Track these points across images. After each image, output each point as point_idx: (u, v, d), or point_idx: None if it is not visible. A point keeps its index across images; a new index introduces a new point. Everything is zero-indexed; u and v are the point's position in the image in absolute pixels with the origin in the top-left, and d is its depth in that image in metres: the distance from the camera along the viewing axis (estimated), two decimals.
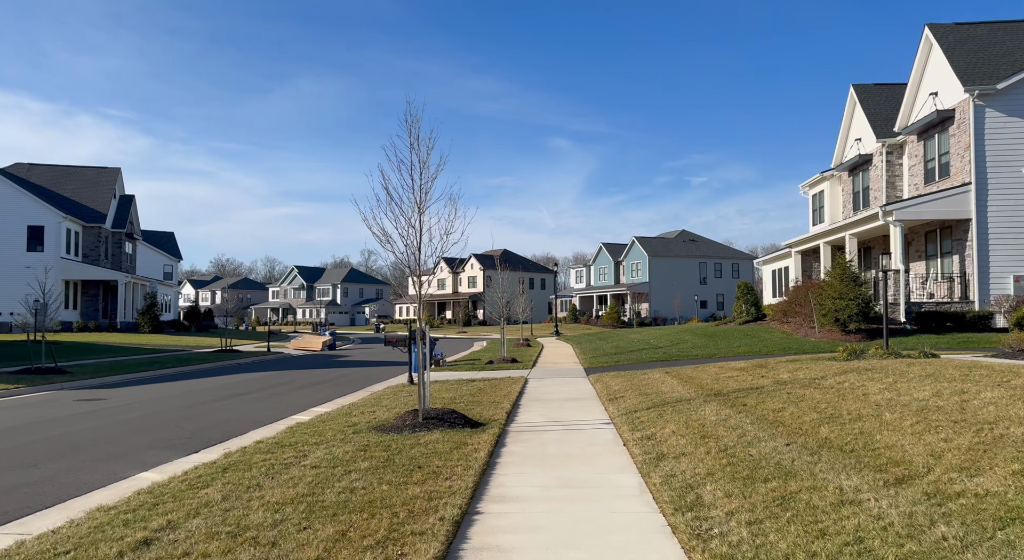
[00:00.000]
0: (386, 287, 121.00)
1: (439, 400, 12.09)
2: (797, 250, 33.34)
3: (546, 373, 18.75)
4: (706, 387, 11.58)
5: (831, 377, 10.70)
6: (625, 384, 13.64)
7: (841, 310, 21.16)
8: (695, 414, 8.91)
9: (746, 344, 22.26)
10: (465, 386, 14.78)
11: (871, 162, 30.04)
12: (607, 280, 77.77)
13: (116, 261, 48.09)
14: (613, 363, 20.69)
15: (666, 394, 11.29)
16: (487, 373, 18.98)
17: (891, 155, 28.92)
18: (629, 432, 8.31)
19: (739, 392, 10.51)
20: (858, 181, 31.36)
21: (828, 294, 21.75)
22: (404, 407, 11.15)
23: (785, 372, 12.21)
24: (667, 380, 13.32)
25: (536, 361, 23.49)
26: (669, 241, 76.02)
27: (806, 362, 13.57)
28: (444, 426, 8.90)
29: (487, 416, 10.08)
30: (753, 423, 7.96)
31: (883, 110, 29.97)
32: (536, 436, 8.73)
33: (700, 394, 10.77)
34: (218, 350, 32.14)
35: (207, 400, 14.63)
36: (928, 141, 25.64)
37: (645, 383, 13.34)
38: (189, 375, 21.34)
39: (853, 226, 26.28)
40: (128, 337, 38.99)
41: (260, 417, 11.71)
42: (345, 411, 11.36)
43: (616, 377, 15.55)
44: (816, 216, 35.57)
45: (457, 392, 13.52)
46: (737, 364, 15.54)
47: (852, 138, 31.94)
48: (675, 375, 14.25)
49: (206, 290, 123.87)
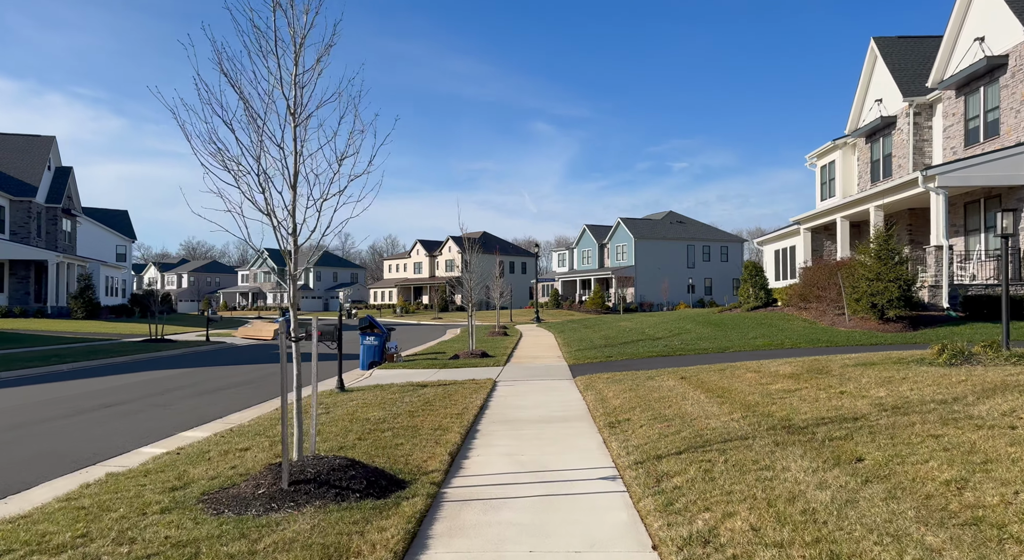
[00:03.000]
0: (362, 271, 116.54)
1: (356, 426, 8.18)
2: (807, 227, 29.69)
3: (521, 372, 14.91)
4: (758, 409, 7.75)
5: (969, 401, 6.87)
6: (627, 395, 9.82)
7: (878, 294, 17.48)
8: (775, 479, 5.01)
9: (763, 335, 18.53)
10: (409, 396, 10.88)
11: (894, 125, 26.36)
12: (591, 264, 74.00)
13: (51, 239, 43.48)
14: (604, 358, 16.89)
15: (696, 420, 7.45)
16: (447, 372, 15.09)
17: (919, 116, 25.23)
18: (660, 517, 4.46)
19: (824, 424, 6.67)
20: (877, 148, 27.70)
21: (862, 275, 18.06)
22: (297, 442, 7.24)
23: (872, 384, 8.42)
24: (688, 392, 9.49)
25: (511, 355, 19.64)
26: (656, 223, 72.28)
27: (888, 366, 9.74)
28: (327, 497, 5.00)
29: (416, 463, 6.20)
30: (918, 515, 4.12)
31: (910, 65, 26.26)
32: (490, 518, 4.87)
33: (756, 423, 6.95)
34: (147, 340, 27.92)
35: (53, 415, 10.59)
36: (970, 96, 21.95)
37: (656, 395, 9.52)
38: (83, 373, 17.24)
39: (880, 196, 22.61)
40: (55, 323, 34.56)
41: (84, 452, 7.74)
42: (204, 447, 7.40)
43: (612, 382, 11.72)
44: (825, 190, 31.92)
45: (391, 408, 9.59)
46: (778, 366, 11.73)
47: (871, 99, 28.21)
48: (696, 383, 10.42)
49: (172, 273, 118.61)
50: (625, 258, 67.91)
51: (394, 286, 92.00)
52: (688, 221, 74.96)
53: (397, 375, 15.19)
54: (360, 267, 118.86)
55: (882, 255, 17.81)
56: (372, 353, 18.03)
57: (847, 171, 30.50)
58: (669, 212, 75.88)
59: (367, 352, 18.01)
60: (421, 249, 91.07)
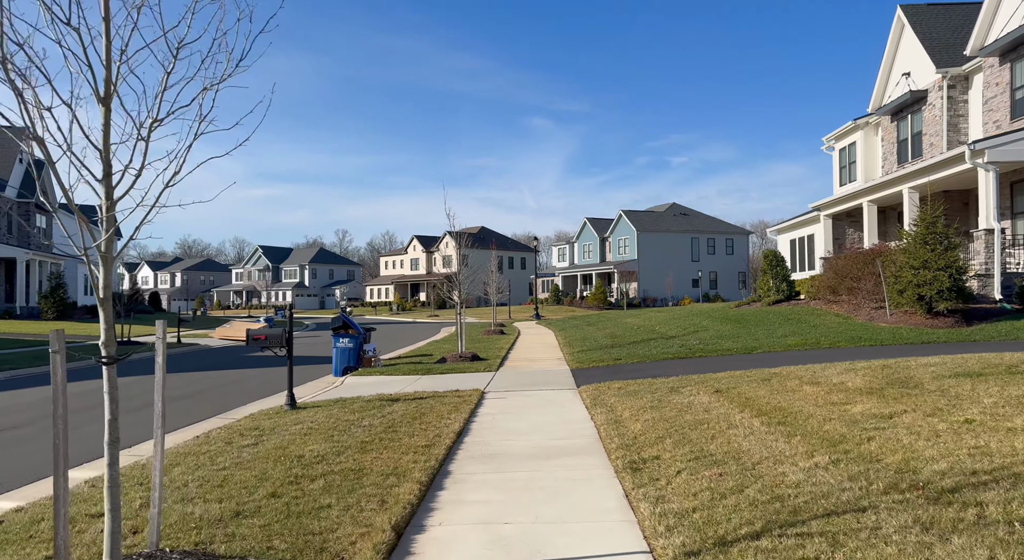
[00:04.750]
0: (359, 268, 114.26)
1: (277, 471, 5.88)
2: (827, 214, 27.40)
3: (516, 380, 12.63)
4: (850, 449, 5.36)
5: None
6: (649, 415, 7.55)
7: (926, 284, 15.20)
8: None
9: (793, 333, 16.24)
10: (371, 417, 8.61)
11: (925, 101, 24.04)
12: (592, 258, 71.64)
13: (24, 236, 41.21)
14: (612, 361, 14.61)
15: (760, 465, 5.17)
16: (429, 381, 12.82)
17: (953, 89, 22.91)
18: None
19: (980, 483, 4.34)
20: (905, 126, 25.38)
21: (905, 263, 15.78)
22: (174, 495, 4.99)
23: (1005, 406, 6.15)
24: (732, 413, 7.20)
25: (506, 357, 17.38)
26: (659, 215, 69.87)
27: (1001, 377, 7.42)
28: None
29: (335, 552, 3.92)
30: None
31: (942, 34, 23.93)
32: None
33: (862, 478, 4.61)
34: None
35: None
36: (1018, 62, 19.63)
37: (689, 417, 7.24)
38: (16, 383, 15.00)
39: (916, 176, 20.34)
40: (22, 325, 32.30)
41: None
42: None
43: (627, 394, 9.44)
44: (845, 174, 29.59)
45: (341, 438, 7.30)
46: (841, 376, 9.41)
47: (897, 73, 25.89)
48: (739, 399, 8.12)
49: (165, 272, 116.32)
50: (627, 252, 65.58)
51: (391, 283, 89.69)
52: (692, 213, 72.58)
53: (371, 383, 12.94)
54: (357, 264, 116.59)
55: (929, 240, 15.53)
56: (346, 357, 15.79)
57: (870, 153, 28.18)
58: (672, 204, 73.50)
59: (340, 356, 15.77)
60: (418, 245, 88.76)
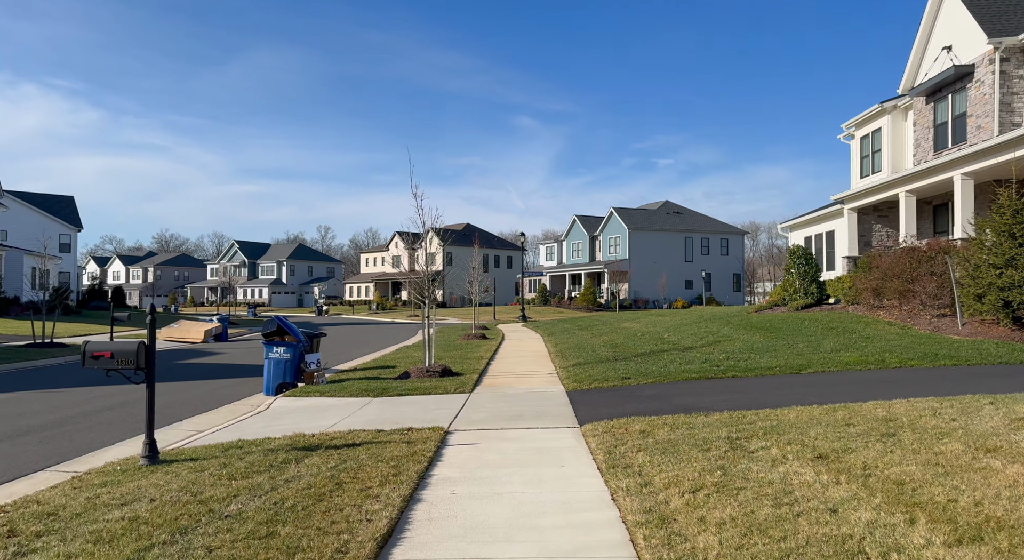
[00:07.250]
0: (340, 265, 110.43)
1: None
2: (851, 207, 24.32)
3: (495, 409, 9.28)
4: None
5: None
6: (715, 506, 4.31)
7: (1013, 287, 12.06)
8: None
9: (845, 346, 13.00)
10: (251, 493, 5.25)
11: (971, 77, 20.98)
12: (581, 257, 68.41)
13: None
14: (619, 381, 11.31)
15: None
16: (378, 407, 9.45)
17: (1006, 63, 19.86)
18: None
19: None
20: (944, 108, 22.32)
21: (984, 261, 12.63)
22: None
23: None
24: (879, 518, 3.91)
25: (485, 370, 14.07)
26: (651, 213, 66.73)
27: None
28: None
29: None
30: None
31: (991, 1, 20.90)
32: None
33: None
34: (28, 345, 22.10)
35: None
36: None
37: (807, 528, 3.98)
38: None
39: (972, 160, 17.27)
40: None
41: None
42: None
43: (659, 448, 6.15)
44: (868, 163, 26.52)
45: (181, 543, 3.95)
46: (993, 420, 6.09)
47: (935, 47, 22.83)
48: (871, 479, 4.82)
49: (137, 267, 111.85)
50: (618, 251, 62.41)
51: (371, 281, 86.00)
52: (685, 211, 69.56)
53: (302, 409, 9.61)
54: (338, 261, 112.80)
55: (1015, 232, 12.39)
56: (281, 371, 12.41)
57: (898, 140, 25.14)
58: (665, 202, 70.41)
59: (274, 370, 12.39)
60: (400, 242, 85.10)
